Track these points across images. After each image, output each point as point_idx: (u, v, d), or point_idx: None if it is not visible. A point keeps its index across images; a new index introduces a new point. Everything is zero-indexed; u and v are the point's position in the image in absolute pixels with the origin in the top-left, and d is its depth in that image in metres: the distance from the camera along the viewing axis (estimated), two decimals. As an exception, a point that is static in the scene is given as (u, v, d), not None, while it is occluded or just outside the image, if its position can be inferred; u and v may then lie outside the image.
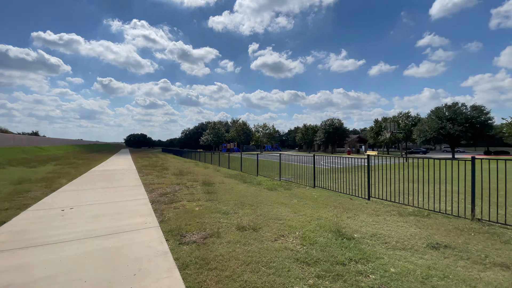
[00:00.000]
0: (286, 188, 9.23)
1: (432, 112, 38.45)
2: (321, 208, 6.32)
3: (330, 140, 54.68)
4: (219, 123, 69.57)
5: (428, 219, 5.38)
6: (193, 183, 10.33)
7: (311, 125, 65.06)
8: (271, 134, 60.08)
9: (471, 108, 35.74)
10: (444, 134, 34.58)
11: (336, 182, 9.94)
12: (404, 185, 8.77)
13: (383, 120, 56.93)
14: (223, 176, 12.93)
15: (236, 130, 54.05)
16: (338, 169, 13.02)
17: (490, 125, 35.05)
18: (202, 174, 13.70)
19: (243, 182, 10.82)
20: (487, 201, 6.39)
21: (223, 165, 18.89)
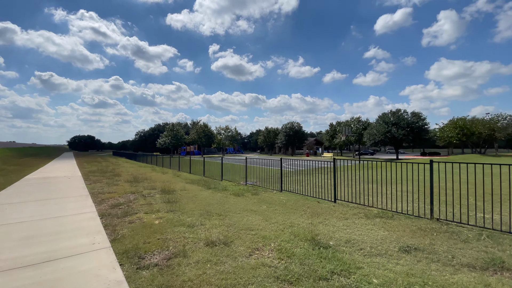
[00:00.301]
0: (254, 193, 8.95)
1: (380, 117, 42.21)
2: (291, 213, 6.16)
3: (290, 142, 56.39)
4: (178, 125, 66.59)
5: (393, 221, 5.58)
6: (151, 191, 9.42)
7: (272, 128, 66.34)
8: (234, 136, 59.54)
9: (411, 114, 40.14)
10: (390, 137, 38.14)
11: (302, 185, 10.00)
12: (365, 187, 9.19)
13: (337, 124, 61.02)
14: (184, 182, 12.13)
15: (197, 132, 52.24)
16: (302, 171, 13.24)
17: (426, 130, 39.79)
18: (160, 181, 12.68)
19: (207, 188, 10.24)
20: (442, 201, 6.95)
21: (184, 169, 17.89)
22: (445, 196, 6.41)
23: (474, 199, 7.09)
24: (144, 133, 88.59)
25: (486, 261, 3.66)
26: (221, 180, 12.76)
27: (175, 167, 19.75)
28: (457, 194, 7.79)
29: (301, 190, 9.05)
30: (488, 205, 6.60)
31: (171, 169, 19.51)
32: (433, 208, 5.59)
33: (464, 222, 5.32)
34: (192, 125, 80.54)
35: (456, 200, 7.03)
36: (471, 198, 7.29)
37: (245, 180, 11.73)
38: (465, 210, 5.87)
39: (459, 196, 6.19)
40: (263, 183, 10.89)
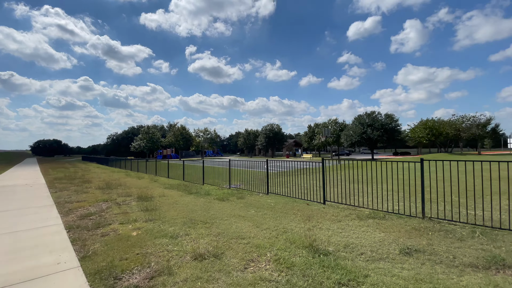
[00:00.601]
0: (239, 197, 8.54)
1: (356, 119, 43.61)
2: (282, 218, 5.85)
3: (270, 144, 56.55)
4: (153, 127, 64.11)
5: (386, 221, 5.47)
6: (126, 199, 8.67)
7: (252, 130, 66.14)
8: (213, 139, 58.46)
9: (385, 116, 41.88)
10: (366, 138, 39.49)
11: (288, 187, 9.77)
12: (351, 187, 9.15)
13: (315, 126, 62.33)
14: (163, 187, 11.42)
15: (174, 135, 50.47)
16: (285, 173, 13.08)
17: (398, 131, 41.75)
18: (136, 186, 11.85)
19: (189, 193, 9.66)
20: (427, 199, 7.01)
21: (161, 174, 17.01)
22: (430, 194, 6.46)
23: (457, 197, 7.25)
24: (117, 137, 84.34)
25: (487, 260, 3.59)
26: (203, 184, 12.20)
27: (151, 171, 18.75)
28: (441, 192, 7.96)
29: (288, 192, 8.80)
30: (471, 201, 6.76)
31: (147, 174, 18.49)
32: (424, 207, 5.57)
33: (455, 220, 5.33)
34: (169, 128, 78.06)
35: (440, 198, 7.15)
36: (454, 195, 7.47)
37: (228, 183, 11.28)
38: (451, 207, 5.92)
39: (443, 194, 6.26)
40: (248, 186, 10.52)
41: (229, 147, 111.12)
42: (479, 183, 8.43)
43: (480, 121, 34.19)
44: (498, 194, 5.37)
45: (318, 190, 8.69)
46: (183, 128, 52.95)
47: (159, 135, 54.78)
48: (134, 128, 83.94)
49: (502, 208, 6.03)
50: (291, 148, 67.80)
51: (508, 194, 5.22)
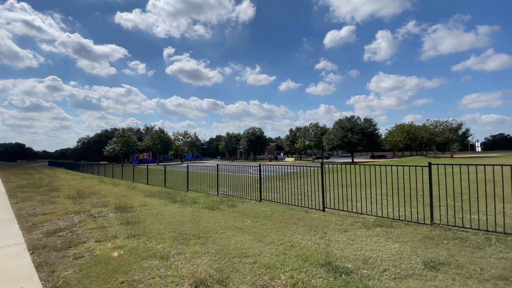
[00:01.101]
0: (230, 205, 7.94)
1: (336, 123, 44.44)
2: (284, 228, 5.36)
3: (252, 148, 56.12)
4: (129, 130, 61.15)
5: (394, 229, 5.17)
6: (102, 209, 7.73)
7: (234, 133, 65.37)
8: (193, 142, 56.83)
9: (364, 120, 43.07)
10: (346, 142, 40.29)
11: (281, 192, 9.31)
12: (348, 192, 8.89)
13: (296, 130, 63.03)
14: (143, 195, 10.50)
15: (152, 138, 48.27)
16: (274, 177, 12.63)
17: (377, 134, 43.11)
18: (112, 195, 10.81)
19: (173, 201, 8.88)
20: (426, 203, 6.85)
21: (140, 180, 15.88)
22: (424, 198, 6.31)
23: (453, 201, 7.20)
24: (88, 140, 79.65)
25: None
26: (187, 191, 11.42)
27: (128, 177, 17.49)
28: (436, 196, 7.90)
29: (282, 199, 8.33)
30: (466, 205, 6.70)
31: (124, 180, 17.22)
32: (433, 212, 5.35)
33: (466, 226, 5.14)
34: (146, 131, 75.01)
35: (441, 202, 7.05)
36: (450, 199, 7.42)
37: (216, 189, 10.61)
38: (454, 212, 5.77)
39: (439, 198, 6.15)
40: (237, 192, 9.93)
41: (209, 150, 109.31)
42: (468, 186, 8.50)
43: (452, 125, 36.26)
44: (493, 197, 5.35)
45: (313, 195, 8.32)
46: (162, 131, 50.92)
47: (135, 139, 52.19)
48: (108, 131, 79.78)
49: (505, 213, 5.98)
50: (272, 151, 67.86)
51: (502, 197, 5.13)
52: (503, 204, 5.27)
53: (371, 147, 44.49)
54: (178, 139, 56.39)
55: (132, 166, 17.39)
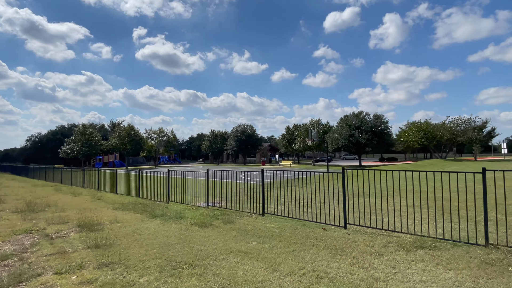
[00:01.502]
0: (226, 220, 7.51)
1: (342, 120, 44.74)
2: (302, 252, 4.98)
3: (242, 149, 55.72)
4: (91, 126, 59.52)
5: (441, 252, 4.88)
6: (61, 228, 7.14)
7: (220, 132, 64.77)
8: (170, 142, 55.85)
9: (374, 117, 43.52)
10: (353, 142, 40.57)
11: (285, 204, 8.96)
12: (366, 202, 8.63)
13: (294, 128, 63.05)
14: (112, 208, 9.94)
15: (120, 137, 46.87)
16: (274, 184, 12.24)
17: (388, 134, 43.60)
18: (73, 207, 10.18)
19: (152, 216, 8.37)
20: (470, 217, 6.64)
21: (107, 188, 15.21)
22: (482, 213, 6.09)
23: (495, 213, 7.03)
24: (40, 138, 77.11)
25: None
26: (168, 202, 10.92)
27: (92, 185, 16.76)
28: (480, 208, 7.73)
29: (289, 212, 7.97)
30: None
31: (86, 189, 16.49)
32: (488, 231, 5.09)
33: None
34: (112, 127, 73.18)
35: (488, 216, 6.86)
36: (501, 214, 7.26)
37: (205, 200, 10.15)
38: (505, 229, 5.56)
39: (493, 211, 5.92)
40: (232, 204, 9.51)
41: (189, 152, 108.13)
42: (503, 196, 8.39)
43: (475, 124, 37.07)
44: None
45: (328, 207, 8.00)
46: (132, 127, 49.62)
47: (99, 137, 50.72)
48: (65, 128, 77.51)
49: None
50: (265, 153, 67.73)
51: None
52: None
53: (382, 148, 44.99)
54: (152, 138, 55.33)
55: (97, 171, 16.65)
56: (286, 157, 78.02)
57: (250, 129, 57.98)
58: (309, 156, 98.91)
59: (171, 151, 59.26)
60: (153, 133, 56.08)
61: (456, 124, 38.21)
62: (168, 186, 11.24)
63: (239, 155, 67.71)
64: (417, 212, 7.38)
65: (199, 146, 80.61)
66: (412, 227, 6.27)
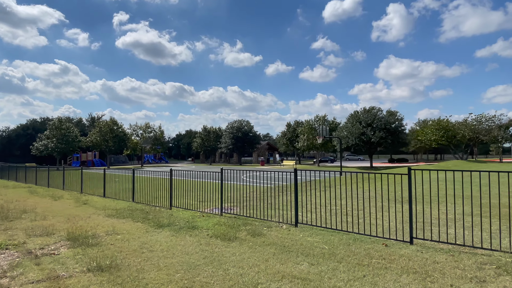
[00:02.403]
0: (251, 231, 6.67)
1: (351, 116, 44.12)
2: (375, 277, 4.15)
3: (238, 147, 54.83)
4: (68, 120, 57.89)
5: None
6: (47, 241, 6.19)
7: (213, 128, 63.71)
8: (158, 139, 54.52)
9: (387, 113, 43.05)
10: (364, 141, 39.97)
11: (318, 211, 8.12)
12: (414, 209, 7.85)
13: (296, 125, 62.42)
14: (104, 215, 9.02)
15: (101, 132, 45.42)
16: (286, 187, 11.44)
17: (403, 132, 43.15)
18: (56, 214, 9.24)
19: (157, 225, 7.47)
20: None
21: (91, 190, 14.25)
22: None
23: None
24: (8, 134, 74.80)
25: None
26: (170, 207, 10.03)
27: (73, 186, 15.73)
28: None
29: (328, 222, 7.14)
30: None
31: (67, 191, 15.47)
32: None
33: None
34: (91, 122, 71.53)
35: None
36: None
37: (215, 206, 9.29)
38: None
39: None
40: (248, 210, 8.69)
41: (176, 150, 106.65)
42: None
43: (501, 121, 36.82)
44: None
45: (370, 216, 7.19)
46: (114, 122, 48.12)
47: (77, 132, 49.16)
48: (37, 122, 75.34)
49: None
50: (263, 152, 67.04)
51: None
52: None
53: (395, 148, 44.54)
54: (137, 134, 53.94)
55: (81, 170, 15.60)
56: (286, 157, 77.37)
57: (247, 125, 57.08)
58: (309, 156, 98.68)
59: (159, 149, 57.90)
60: (138, 128, 54.63)
61: (479, 121, 37.91)
62: (170, 188, 10.31)
63: (233, 154, 66.84)
64: (485, 222, 6.62)
65: (189, 144, 79.39)
66: (495, 242, 5.51)
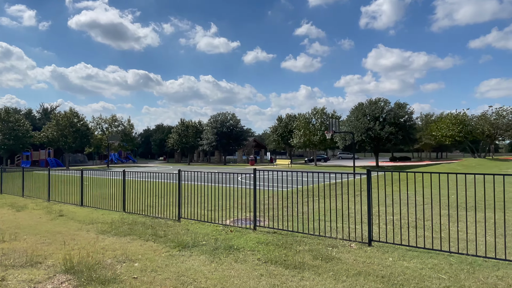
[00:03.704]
0: (317, 254, 5.67)
1: (356, 109, 43.81)
2: None
3: (223, 144, 53.51)
4: (16, 112, 54.54)
5: None
6: (36, 275, 4.88)
7: (193, 122, 62.01)
8: (127, 134, 52.23)
9: (396, 106, 43.05)
10: (372, 137, 39.74)
11: (383, 223, 7.18)
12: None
13: (288, 118, 61.96)
14: (96, 232, 7.80)
15: (58, 127, 42.57)
16: (307, 190, 10.47)
17: (413, 126, 43.32)
18: (29, 231, 7.94)
19: (179, 245, 6.33)
20: None
21: (61, 198, 12.83)
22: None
23: None
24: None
25: None
26: (179, 219, 8.85)
27: (36, 192, 14.10)
28: None
29: (401, 237, 6.18)
30: None
31: (28, 198, 13.86)
32: None
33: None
34: (44, 114, 67.97)
35: None
36: None
37: (240, 217, 8.18)
38: None
39: None
40: (284, 222, 7.72)
41: (144, 148, 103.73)
42: None
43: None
44: None
45: (449, 229, 6.30)
46: (75, 114, 45.48)
47: (28, 126, 46.14)
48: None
49: None
50: (250, 150, 66.20)
51: None
52: None
53: (405, 144, 44.64)
54: (101, 128, 51.52)
55: (48, 172, 13.97)
56: (275, 155, 76.85)
57: (233, 118, 55.72)
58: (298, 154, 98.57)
59: (127, 146, 55.54)
60: (102, 121, 52.21)
61: (499, 115, 38.40)
62: (178, 195, 9.07)
63: (214, 152, 65.42)
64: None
65: (163, 140, 77.21)
66: None
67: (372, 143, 40.73)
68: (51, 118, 47.66)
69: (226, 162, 58.71)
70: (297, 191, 10.47)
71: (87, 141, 46.90)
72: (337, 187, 8.33)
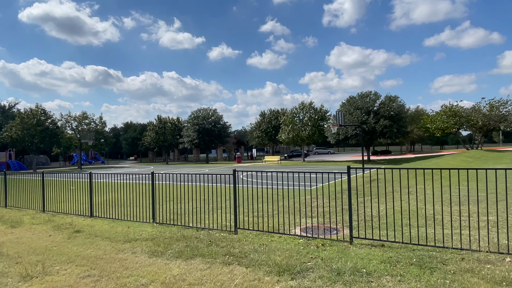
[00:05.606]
0: (427, 268, 4.31)
1: (348, 102, 43.39)
2: None
3: (205, 142, 51.69)
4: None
5: None
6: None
7: (171, 119, 59.78)
8: (100, 132, 49.05)
9: (386, 99, 42.93)
10: (366, 131, 39.33)
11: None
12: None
13: (271, 114, 61.50)
14: (141, 252, 6.23)
15: (23, 125, 38.79)
16: (334, 191, 9.21)
17: (405, 119, 43.44)
18: (51, 257, 6.11)
19: (280, 272, 4.82)
20: None
21: (56, 206, 11.22)
22: None
23: None
24: None
25: None
26: (235, 231, 7.32)
27: (25, 202, 12.00)
28: None
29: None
30: None
31: (12, 209, 11.74)
32: None
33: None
34: (2, 112, 63.00)
35: None
36: None
37: (328, 224, 6.74)
38: None
39: None
40: (381, 230, 6.33)
41: (111, 148, 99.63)
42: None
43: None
44: None
45: None
46: (43, 112, 41.89)
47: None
48: None
49: None
50: (231, 147, 64.86)
51: None
52: None
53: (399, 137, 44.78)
54: (71, 126, 48.12)
55: (42, 176, 11.85)
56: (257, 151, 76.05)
57: (215, 114, 54.05)
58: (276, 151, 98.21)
59: (101, 145, 52.32)
60: (71, 118, 48.75)
61: (493, 107, 39.05)
62: (234, 202, 7.47)
63: (193, 151, 63.59)
64: None
65: (135, 139, 74.09)
66: None
67: (366, 137, 40.41)
68: (15, 116, 43.79)
69: (208, 160, 57.02)
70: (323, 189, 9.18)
71: (56, 141, 43.47)
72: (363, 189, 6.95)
